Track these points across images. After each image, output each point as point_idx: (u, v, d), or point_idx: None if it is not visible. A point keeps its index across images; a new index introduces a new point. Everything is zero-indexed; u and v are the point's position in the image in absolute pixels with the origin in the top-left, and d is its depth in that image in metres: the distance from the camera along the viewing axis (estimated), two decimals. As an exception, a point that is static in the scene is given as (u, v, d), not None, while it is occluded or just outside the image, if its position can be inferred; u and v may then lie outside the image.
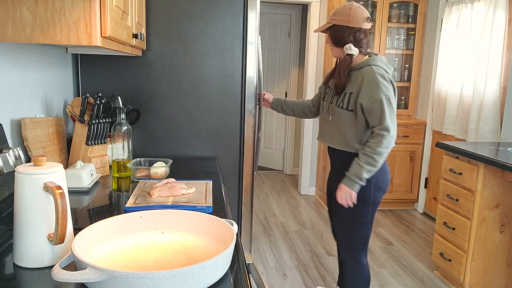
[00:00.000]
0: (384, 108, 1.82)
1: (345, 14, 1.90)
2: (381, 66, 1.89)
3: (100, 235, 0.99)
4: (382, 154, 1.85)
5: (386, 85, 1.84)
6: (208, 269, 0.83)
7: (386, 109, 1.82)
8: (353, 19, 1.90)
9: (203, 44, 2.09)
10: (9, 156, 1.15)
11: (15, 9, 1.09)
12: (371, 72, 1.86)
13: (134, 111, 2.01)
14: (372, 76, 1.84)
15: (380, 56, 1.93)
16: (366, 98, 1.84)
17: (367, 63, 1.89)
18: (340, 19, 1.91)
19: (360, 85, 1.87)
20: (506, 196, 2.51)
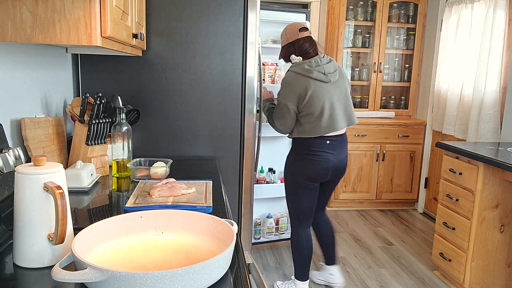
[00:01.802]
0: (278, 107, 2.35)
1: (283, 35, 2.38)
2: (294, 70, 2.27)
3: (100, 235, 0.99)
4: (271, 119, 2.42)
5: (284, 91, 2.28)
6: (208, 269, 0.83)
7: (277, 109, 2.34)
8: (290, 36, 2.35)
9: (203, 44, 2.09)
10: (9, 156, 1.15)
11: (15, 9, 1.09)
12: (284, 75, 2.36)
13: (134, 111, 2.01)
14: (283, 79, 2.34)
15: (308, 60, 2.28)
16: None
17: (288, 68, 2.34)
18: (283, 41, 2.39)
19: None
20: (506, 196, 2.51)
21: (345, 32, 4.25)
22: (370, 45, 4.33)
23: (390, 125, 4.14)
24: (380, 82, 4.30)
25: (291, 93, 2.24)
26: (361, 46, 4.37)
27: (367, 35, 4.35)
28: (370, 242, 3.47)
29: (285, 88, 2.27)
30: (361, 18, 4.25)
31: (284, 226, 3.32)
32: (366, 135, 4.11)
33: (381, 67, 4.27)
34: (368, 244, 3.43)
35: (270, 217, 3.28)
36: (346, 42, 4.30)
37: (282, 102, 2.27)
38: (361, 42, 4.36)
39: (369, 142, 4.13)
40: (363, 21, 4.27)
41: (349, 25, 4.30)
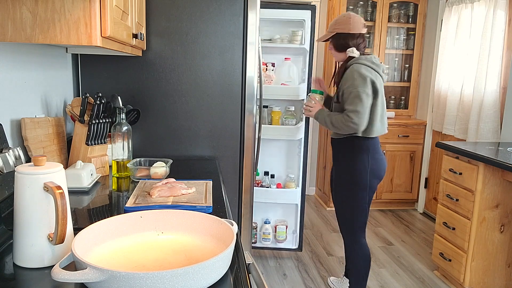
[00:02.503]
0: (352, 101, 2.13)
1: (346, 23, 2.21)
2: (364, 63, 2.16)
3: (100, 235, 0.99)
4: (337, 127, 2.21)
5: (361, 80, 2.12)
6: (208, 269, 0.83)
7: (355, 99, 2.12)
8: (354, 27, 2.21)
9: (203, 44, 2.09)
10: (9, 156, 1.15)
11: (15, 9, 1.09)
12: (352, 68, 2.17)
13: (134, 111, 2.01)
14: (352, 72, 2.15)
15: (371, 56, 2.21)
16: (342, 90, 2.19)
17: (354, 61, 2.20)
18: (342, 28, 2.22)
19: (345, 79, 2.19)
20: (506, 196, 2.51)
21: (345, 32, 4.24)
22: (370, 45, 4.32)
23: (390, 125, 4.13)
24: (380, 82, 4.30)
25: (367, 83, 2.12)
26: (361, 46, 4.36)
27: (367, 35, 4.35)
28: (370, 242, 3.47)
29: (360, 78, 2.12)
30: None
31: (283, 235, 3.14)
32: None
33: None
34: (368, 244, 3.43)
35: (268, 222, 3.15)
36: (346, 42, 4.29)
37: (361, 91, 2.11)
38: (361, 42, 4.35)
39: (369, 142, 4.12)
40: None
41: (349, 25, 4.29)
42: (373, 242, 3.46)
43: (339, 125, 2.18)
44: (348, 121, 2.14)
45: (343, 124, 2.16)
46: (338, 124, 2.18)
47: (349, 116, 2.13)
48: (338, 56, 2.30)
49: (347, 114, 2.14)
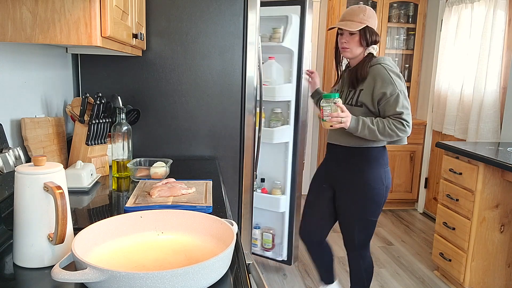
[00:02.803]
0: (401, 101, 1.91)
1: (373, 16, 2.02)
2: (390, 64, 2.00)
3: (100, 235, 0.99)
4: (391, 135, 1.92)
5: (399, 81, 1.93)
6: (208, 269, 0.83)
7: (404, 102, 1.92)
8: (374, 21, 2.03)
9: (203, 44, 2.09)
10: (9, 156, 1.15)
11: (15, 9, 1.09)
12: (383, 69, 1.95)
13: (134, 111, 2.01)
14: (386, 74, 1.93)
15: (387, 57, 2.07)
16: (380, 94, 1.92)
17: (377, 61, 1.99)
18: (373, 22, 2.01)
19: (372, 82, 1.94)
20: (506, 196, 2.51)
21: (345, 32, 4.24)
22: (370, 45, 4.32)
23: (390, 125, 4.13)
24: (380, 82, 4.30)
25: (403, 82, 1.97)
26: (361, 46, 4.36)
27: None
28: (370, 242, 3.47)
29: (398, 79, 1.94)
30: (361, 18, 4.25)
31: (269, 243, 2.94)
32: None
33: (381, 67, 4.26)
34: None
35: (257, 227, 2.97)
36: (346, 42, 4.29)
37: (405, 92, 1.94)
38: (361, 42, 4.35)
39: (369, 142, 4.12)
40: (363, 21, 4.26)
41: (349, 25, 4.29)
42: (373, 242, 3.46)
43: (391, 132, 1.90)
44: (404, 125, 1.90)
45: (398, 130, 1.90)
46: (389, 131, 1.90)
47: (404, 119, 1.90)
48: (354, 52, 2.03)
49: (402, 117, 1.90)
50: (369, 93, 1.96)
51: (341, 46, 2.05)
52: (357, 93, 2.00)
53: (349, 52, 2.03)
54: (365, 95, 1.97)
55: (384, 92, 1.91)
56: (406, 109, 1.91)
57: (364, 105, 1.97)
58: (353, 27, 1.97)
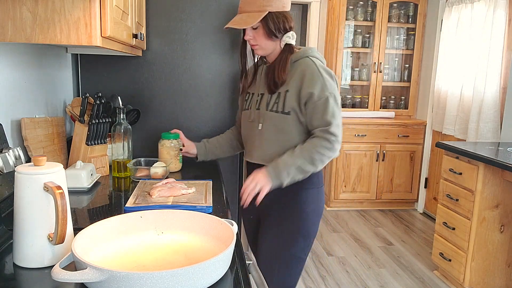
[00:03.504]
0: (330, 108, 1.48)
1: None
2: (319, 57, 1.58)
3: (100, 235, 0.99)
4: (325, 160, 1.49)
5: (330, 81, 1.52)
6: (208, 269, 0.83)
7: (334, 109, 1.49)
8: (287, 2, 1.53)
9: (203, 44, 2.09)
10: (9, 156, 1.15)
11: (15, 9, 1.09)
12: (312, 64, 1.52)
13: (134, 111, 2.01)
14: (315, 70, 1.51)
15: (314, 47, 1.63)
16: (308, 94, 1.49)
17: (304, 54, 1.56)
18: (276, 4, 1.49)
19: (299, 80, 1.52)
20: (506, 196, 2.51)
21: (345, 32, 4.25)
22: (370, 45, 4.32)
23: (390, 125, 4.14)
24: (380, 82, 4.30)
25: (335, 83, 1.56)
26: (361, 46, 4.37)
27: (367, 35, 4.35)
28: (370, 242, 3.47)
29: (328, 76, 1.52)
30: (361, 18, 4.25)
31: None
32: (366, 135, 4.11)
33: (381, 67, 4.27)
34: (368, 244, 3.43)
35: None
36: (346, 42, 4.30)
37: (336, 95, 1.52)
38: (361, 42, 4.36)
39: (369, 142, 4.13)
40: (363, 21, 4.27)
41: (349, 25, 4.30)
42: (373, 242, 3.46)
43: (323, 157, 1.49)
44: (331, 141, 1.48)
45: (327, 150, 1.48)
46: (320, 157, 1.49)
47: (332, 133, 1.48)
48: (265, 47, 1.57)
49: (329, 130, 1.47)
50: (296, 94, 1.52)
51: (249, 43, 1.61)
52: (282, 96, 1.54)
53: (259, 49, 1.58)
54: (292, 98, 1.52)
55: (312, 92, 1.48)
56: (335, 119, 1.48)
57: (293, 112, 1.53)
58: (248, 21, 1.50)
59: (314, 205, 1.60)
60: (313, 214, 1.60)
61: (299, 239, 1.59)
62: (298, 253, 1.61)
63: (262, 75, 1.65)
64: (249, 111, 1.66)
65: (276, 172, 1.46)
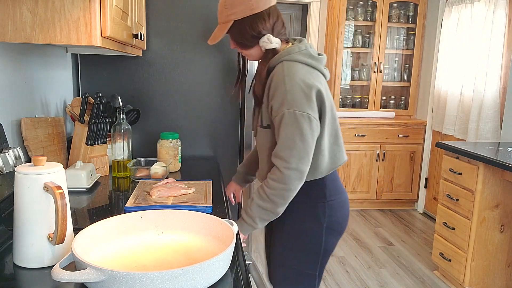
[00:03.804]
0: (285, 127, 1.28)
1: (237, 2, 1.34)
2: (299, 59, 1.33)
3: (100, 235, 0.99)
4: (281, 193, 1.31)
5: (296, 93, 1.27)
6: (208, 269, 0.83)
7: (288, 129, 1.27)
8: (258, 1, 1.33)
9: (203, 44, 2.09)
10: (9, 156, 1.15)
11: (15, 9, 1.09)
12: (279, 71, 1.31)
13: (134, 111, 2.01)
14: (279, 78, 1.30)
15: (302, 44, 1.37)
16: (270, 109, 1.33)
17: (280, 58, 1.35)
18: (240, 10, 1.33)
19: (268, 90, 1.35)
20: (506, 196, 2.50)
21: (345, 32, 4.25)
22: (370, 45, 4.32)
23: (390, 125, 4.14)
24: (380, 82, 4.30)
25: (308, 96, 1.28)
26: (361, 46, 4.37)
27: (367, 35, 4.35)
28: (370, 242, 3.47)
29: (295, 88, 1.27)
30: (361, 18, 4.25)
31: None
32: (366, 135, 4.11)
33: (381, 67, 4.27)
34: (368, 244, 3.43)
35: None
36: (346, 42, 4.30)
37: (299, 112, 1.27)
38: (361, 42, 4.36)
39: (369, 142, 4.13)
40: (363, 21, 4.27)
41: (349, 25, 4.30)
42: (373, 242, 3.46)
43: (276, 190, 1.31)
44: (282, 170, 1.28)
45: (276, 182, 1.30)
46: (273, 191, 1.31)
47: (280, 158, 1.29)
48: (252, 55, 1.42)
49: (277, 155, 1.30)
50: (267, 106, 1.36)
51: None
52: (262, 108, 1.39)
53: (247, 56, 1.45)
54: (266, 110, 1.37)
55: (272, 105, 1.31)
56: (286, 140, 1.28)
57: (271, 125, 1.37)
58: (217, 35, 1.40)
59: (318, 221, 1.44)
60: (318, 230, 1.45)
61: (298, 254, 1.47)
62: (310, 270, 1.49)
63: None
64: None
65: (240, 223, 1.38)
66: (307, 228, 1.45)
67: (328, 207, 1.44)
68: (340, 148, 1.43)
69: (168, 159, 1.84)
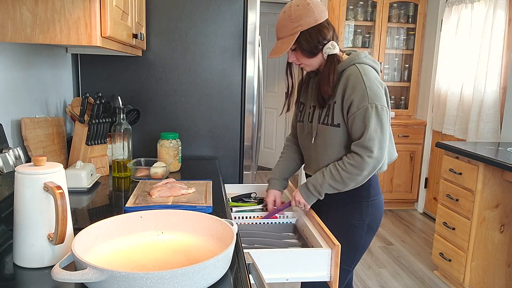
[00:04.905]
0: (368, 119, 1.41)
1: (306, 13, 1.46)
2: (368, 63, 1.51)
3: (100, 235, 0.99)
4: (354, 177, 1.45)
5: (375, 89, 1.43)
6: (208, 269, 0.83)
7: (372, 121, 1.41)
8: (320, 13, 1.48)
9: (203, 44, 2.09)
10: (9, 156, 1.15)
11: (15, 9, 1.09)
12: (356, 72, 1.46)
13: (134, 111, 2.01)
14: (358, 77, 1.45)
15: (364, 52, 1.55)
16: (348, 105, 1.46)
17: (350, 62, 1.50)
18: (306, 22, 1.46)
19: (344, 89, 1.48)
20: (506, 196, 2.50)
21: (345, 32, 4.25)
22: (370, 45, 4.32)
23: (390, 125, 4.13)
24: (380, 82, 4.30)
25: (383, 92, 1.47)
26: (361, 46, 4.37)
27: (367, 35, 4.35)
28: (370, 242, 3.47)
29: (374, 86, 1.44)
30: (361, 18, 4.25)
31: None
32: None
33: (381, 67, 4.27)
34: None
35: None
36: (346, 42, 4.30)
37: (380, 107, 1.42)
38: (361, 42, 4.36)
39: (369, 142, 4.12)
40: (363, 21, 4.27)
41: (349, 25, 4.30)
42: (373, 242, 3.46)
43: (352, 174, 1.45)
44: (363, 158, 1.42)
45: (355, 168, 1.44)
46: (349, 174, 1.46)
47: (365, 147, 1.42)
48: (313, 64, 1.55)
49: (361, 144, 1.42)
50: (341, 104, 1.49)
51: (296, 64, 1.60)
52: (331, 108, 1.51)
53: (306, 67, 1.58)
54: (339, 109, 1.50)
55: (352, 100, 1.44)
56: (371, 132, 1.41)
57: (343, 124, 1.50)
58: (283, 48, 1.50)
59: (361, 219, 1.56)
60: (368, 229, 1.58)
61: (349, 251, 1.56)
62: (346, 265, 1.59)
63: (314, 87, 1.61)
64: (303, 123, 1.65)
65: (308, 193, 1.55)
66: (350, 225, 1.57)
67: (371, 206, 1.57)
68: (393, 144, 1.59)
69: (168, 159, 1.84)
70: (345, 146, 1.53)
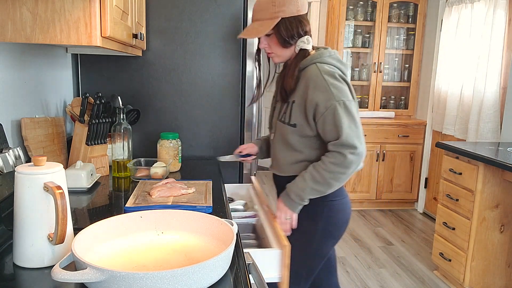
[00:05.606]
0: (339, 117, 1.36)
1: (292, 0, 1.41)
2: (330, 62, 1.44)
3: (100, 235, 0.99)
4: (339, 176, 1.38)
5: (338, 86, 1.38)
6: (208, 269, 0.83)
7: (343, 118, 1.36)
8: (302, 5, 1.44)
9: (203, 44, 2.09)
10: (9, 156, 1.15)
11: (15, 9, 1.09)
12: (316, 71, 1.40)
13: (134, 111, 2.01)
14: (318, 77, 1.39)
15: (330, 50, 1.48)
16: (313, 105, 1.40)
17: (312, 60, 1.44)
18: (289, 9, 1.41)
19: (305, 90, 1.42)
20: (506, 196, 2.50)
21: (345, 32, 4.25)
22: (370, 45, 4.32)
23: (390, 125, 4.14)
24: (380, 82, 4.30)
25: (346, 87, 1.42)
26: (361, 46, 4.37)
27: (367, 35, 4.35)
28: (370, 242, 3.47)
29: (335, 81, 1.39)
30: (361, 18, 4.25)
31: None
32: (366, 135, 4.11)
33: (381, 67, 4.27)
34: (368, 244, 3.43)
35: None
36: (346, 42, 4.30)
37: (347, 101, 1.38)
38: (361, 42, 4.36)
39: (369, 142, 4.13)
40: (363, 21, 4.27)
41: (349, 25, 4.30)
42: (373, 242, 3.46)
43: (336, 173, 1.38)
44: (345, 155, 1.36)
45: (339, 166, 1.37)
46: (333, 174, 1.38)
47: (345, 145, 1.36)
48: (283, 55, 1.50)
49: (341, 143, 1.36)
50: (301, 106, 1.43)
51: (265, 51, 1.54)
52: (290, 106, 1.46)
53: (275, 57, 1.52)
54: (298, 110, 1.45)
55: (316, 102, 1.38)
56: (345, 128, 1.36)
57: (299, 125, 1.45)
58: (260, 30, 1.44)
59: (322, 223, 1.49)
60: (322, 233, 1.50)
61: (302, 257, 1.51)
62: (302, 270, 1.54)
63: (278, 79, 1.59)
64: (270, 118, 1.64)
65: (291, 202, 1.45)
66: (300, 227, 1.49)
67: (328, 208, 1.48)
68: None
69: (168, 159, 1.84)
70: (305, 147, 1.47)
